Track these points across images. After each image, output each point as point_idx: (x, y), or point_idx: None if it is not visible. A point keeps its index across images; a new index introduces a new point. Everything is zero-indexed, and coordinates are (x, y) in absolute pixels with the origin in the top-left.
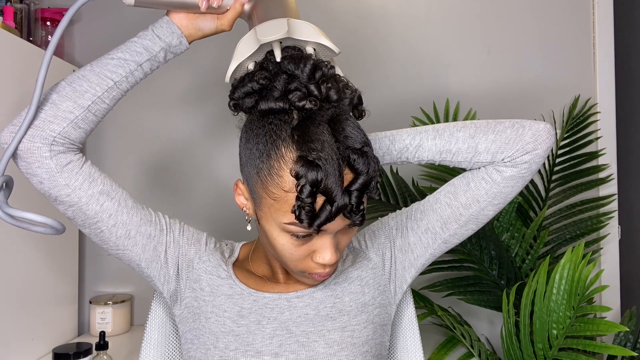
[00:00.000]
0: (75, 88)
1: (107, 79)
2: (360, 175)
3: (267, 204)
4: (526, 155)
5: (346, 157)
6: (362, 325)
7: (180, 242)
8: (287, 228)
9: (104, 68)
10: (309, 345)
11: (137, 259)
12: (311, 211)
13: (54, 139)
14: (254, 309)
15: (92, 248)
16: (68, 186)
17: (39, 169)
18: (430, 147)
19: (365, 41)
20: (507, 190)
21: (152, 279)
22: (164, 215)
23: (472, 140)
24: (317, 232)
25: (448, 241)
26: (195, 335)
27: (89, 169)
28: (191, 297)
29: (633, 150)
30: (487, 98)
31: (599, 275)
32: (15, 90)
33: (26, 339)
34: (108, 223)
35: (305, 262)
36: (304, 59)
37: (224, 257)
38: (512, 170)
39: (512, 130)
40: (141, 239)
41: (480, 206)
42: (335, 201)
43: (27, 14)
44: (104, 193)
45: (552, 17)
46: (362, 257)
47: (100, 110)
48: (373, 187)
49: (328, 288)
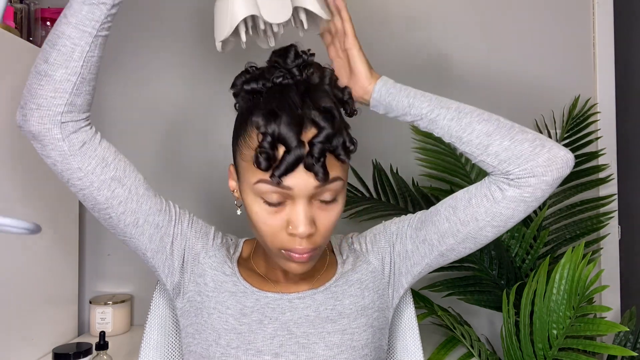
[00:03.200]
0: (61, 50)
1: (88, 28)
2: (322, 130)
3: (243, 171)
4: (532, 178)
5: (309, 115)
6: (362, 328)
7: (188, 234)
8: (258, 188)
9: (80, 16)
10: (309, 346)
11: (143, 248)
12: (268, 156)
13: (62, 115)
14: (256, 307)
15: (92, 248)
16: (80, 170)
17: (52, 151)
18: (444, 127)
19: (366, 41)
20: (507, 212)
21: (157, 269)
22: (175, 205)
23: (486, 139)
24: (278, 182)
25: (445, 255)
26: (197, 330)
27: (103, 151)
28: (194, 291)
29: (633, 150)
30: (487, 98)
31: (599, 275)
32: (15, 91)
33: (26, 339)
34: (117, 210)
35: (281, 236)
36: (287, 49)
37: (229, 254)
38: (515, 191)
39: (529, 145)
40: (149, 228)
41: (478, 225)
42: (292, 149)
43: (27, 14)
44: (116, 179)
45: (552, 17)
46: (362, 261)
47: (93, 64)
48: (337, 146)
49: (329, 290)
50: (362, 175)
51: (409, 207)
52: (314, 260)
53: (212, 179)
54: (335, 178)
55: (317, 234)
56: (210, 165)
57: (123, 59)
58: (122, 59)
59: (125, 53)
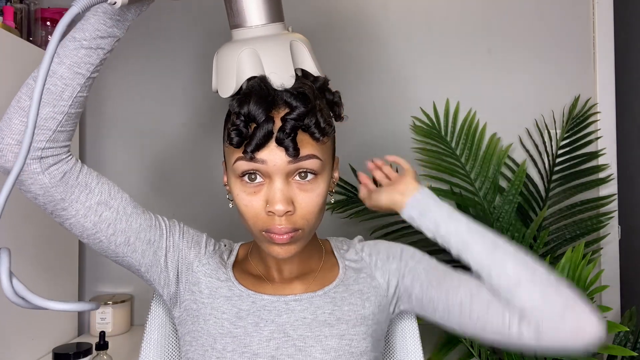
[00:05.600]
0: (50, 89)
1: (82, 70)
2: (294, 109)
3: (227, 157)
4: (554, 342)
5: (281, 95)
6: (361, 336)
7: (180, 245)
8: (236, 168)
9: (76, 58)
10: (305, 350)
11: (137, 265)
12: (239, 132)
13: (43, 150)
14: (252, 310)
15: (92, 248)
16: (64, 200)
17: (32, 185)
18: (474, 256)
19: (366, 41)
20: (517, 345)
21: (152, 282)
22: (164, 218)
23: (513, 284)
24: (251, 157)
25: (446, 322)
26: (194, 337)
27: (84, 178)
28: (190, 299)
29: (633, 150)
30: (487, 98)
31: (599, 275)
32: (15, 91)
33: (26, 339)
34: (107, 232)
35: (262, 217)
36: None
37: (223, 260)
38: (533, 342)
39: (560, 305)
40: (140, 245)
41: (483, 333)
42: (260, 124)
43: (27, 14)
44: (102, 203)
45: (552, 17)
46: (366, 274)
47: (81, 102)
48: (310, 125)
49: (327, 295)
50: None
51: None
52: (298, 245)
53: (205, 185)
54: (310, 155)
55: (296, 214)
56: (204, 172)
57: (123, 67)
58: (122, 68)
59: (120, 63)
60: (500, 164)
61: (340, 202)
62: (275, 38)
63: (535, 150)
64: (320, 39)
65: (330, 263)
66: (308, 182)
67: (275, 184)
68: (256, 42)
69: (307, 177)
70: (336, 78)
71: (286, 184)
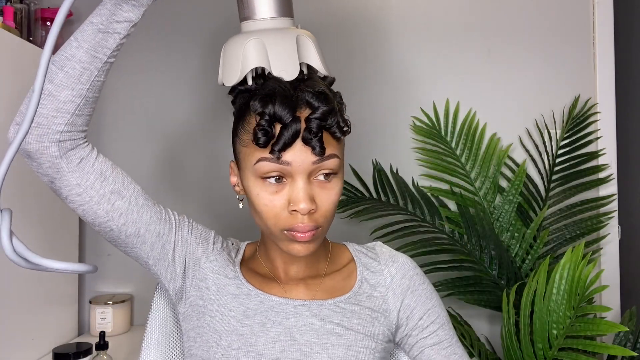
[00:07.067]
0: (69, 73)
1: (100, 54)
2: (317, 109)
3: (244, 157)
4: None
5: (302, 97)
6: (369, 351)
7: (189, 240)
8: (258, 168)
9: (93, 42)
10: (311, 356)
11: (145, 257)
12: (266, 132)
13: (61, 134)
14: (259, 310)
15: (92, 248)
16: (79, 185)
17: (50, 169)
18: None
19: (366, 41)
20: None
21: (159, 276)
22: (174, 212)
23: None
24: (278, 157)
25: None
26: (198, 333)
27: (100, 165)
28: (196, 295)
29: (633, 150)
30: (487, 98)
31: (599, 275)
32: (15, 90)
33: (26, 339)
34: (118, 222)
35: (283, 216)
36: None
37: (231, 257)
38: None
39: None
40: (150, 237)
41: None
42: (288, 125)
43: (27, 14)
44: (115, 192)
45: (552, 17)
46: (379, 294)
47: (98, 87)
48: (332, 124)
49: (337, 306)
50: (362, 175)
51: (408, 207)
52: (317, 243)
53: (214, 182)
54: (332, 155)
55: (318, 213)
56: (212, 169)
57: (127, 64)
58: (126, 65)
59: (130, 58)
60: (500, 164)
61: (341, 202)
62: (282, 31)
63: (535, 150)
64: (320, 39)
65: (348, 270)
66: (328, 181)
67: (298, 183)
68: (263, 33)
69: (329, 177)
70: (336, 78)
71: (308, 183)
